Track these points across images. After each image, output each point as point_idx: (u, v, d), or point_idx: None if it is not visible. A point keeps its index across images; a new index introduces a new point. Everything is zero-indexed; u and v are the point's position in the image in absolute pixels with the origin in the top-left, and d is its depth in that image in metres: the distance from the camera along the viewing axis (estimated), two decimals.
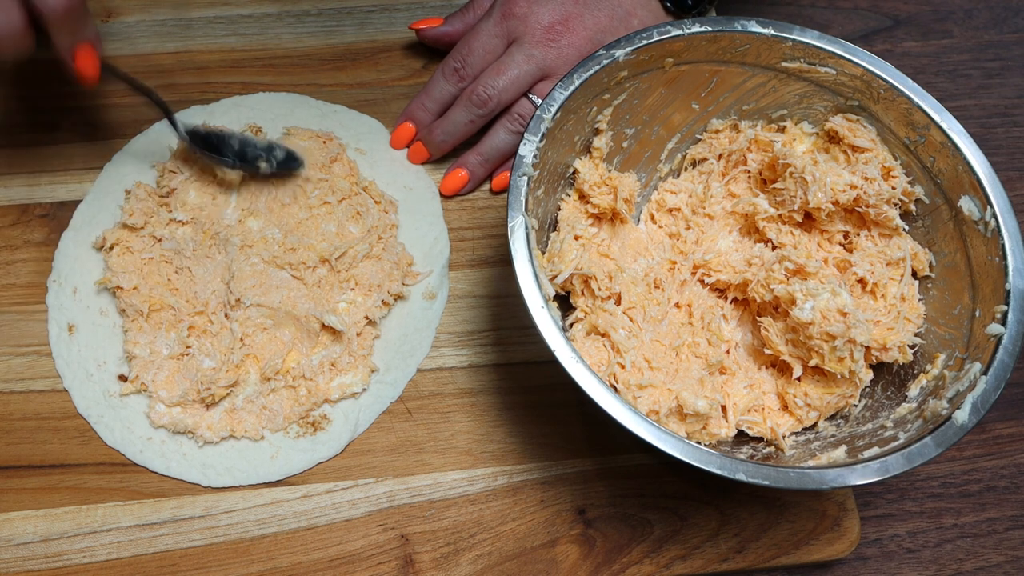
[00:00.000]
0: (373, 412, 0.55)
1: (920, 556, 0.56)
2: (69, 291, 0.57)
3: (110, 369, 0.55)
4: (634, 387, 0.48)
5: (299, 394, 0.54)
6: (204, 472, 0.53)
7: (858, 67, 0.52)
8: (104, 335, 0.56)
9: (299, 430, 0.54)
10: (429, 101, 0.61)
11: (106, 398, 0.55)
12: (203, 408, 0.54)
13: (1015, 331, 0.46)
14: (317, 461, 0.54)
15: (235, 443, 0.54)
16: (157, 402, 0.54)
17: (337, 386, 0.55)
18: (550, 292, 0.49)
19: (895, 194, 0.52)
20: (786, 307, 0.50)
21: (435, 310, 0.59)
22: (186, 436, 0.54)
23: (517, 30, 0.59)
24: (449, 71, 0.60)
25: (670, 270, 0.56)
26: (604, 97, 0.53)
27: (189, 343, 0.55)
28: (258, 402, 0.54)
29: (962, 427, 0.43)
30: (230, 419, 0.54)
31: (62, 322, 0.57)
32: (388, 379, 0.56)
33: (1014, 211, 0.49)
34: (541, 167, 0.49)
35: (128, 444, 0.54)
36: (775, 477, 0.42)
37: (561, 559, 0.53)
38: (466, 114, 0.59)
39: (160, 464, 0.53)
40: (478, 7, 0.64)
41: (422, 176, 0.63)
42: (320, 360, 0.55)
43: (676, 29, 0.52)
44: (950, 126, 0.51)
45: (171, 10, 0.68)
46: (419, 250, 0.60)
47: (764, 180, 0.57)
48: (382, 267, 0.58)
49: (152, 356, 0.55)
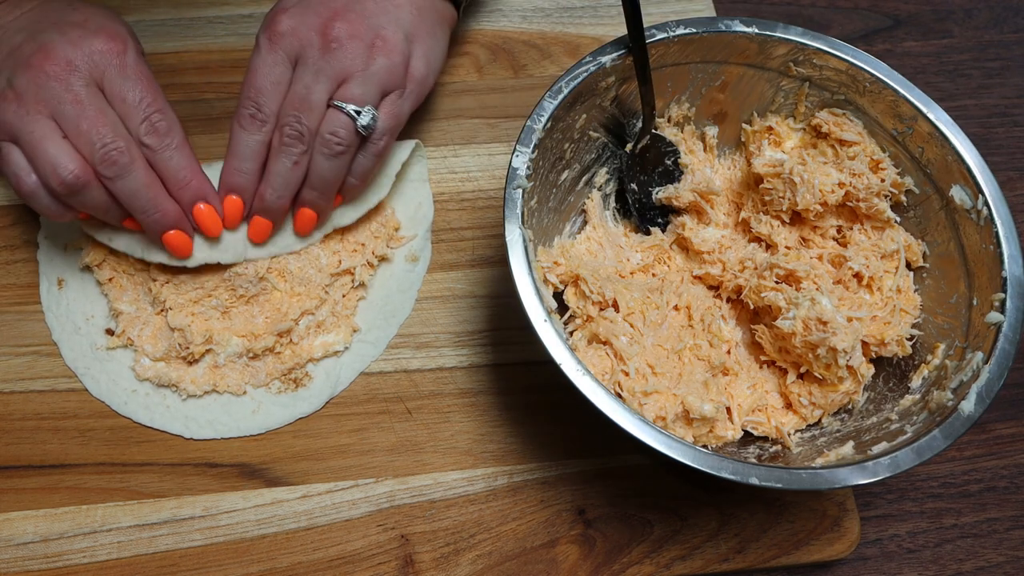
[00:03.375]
0: (354, 370, 0.57)
1: (920, 556, 0.56)
2: (59, 247, 0.59)
3: (98, 323, 0.57)
4: (639, 394, 0.48)
5: (283, 354, 0.56)
6: (186, 424, 0.54)
7: (843, 62, 0.53)
8: (93, 290, 0.58)
9: (281, 386, 0.56)
10: (241, 162, 0.52)
11: (93, 351, 0.56)
12: (186, 364, 0.55)
13: (1015, 318, 0.46)
14: (297, 416, 0.55)
15: (218, 397, 0.55)
16: (142, 356, 0.55)
17: (320, 345, 0.57)
18: (552, 304, 0.49)
19: (884, 186, 0.52)
20: (776, 314, 0.50)
21: (418, 272, 0.60)
22: (170, 389, 0.55)
23: (294, 48, 0.52)
24: (247, 121, 0.52)
25: (659, 259, 0.57)
26: (593, 103, 0.53)
27: (164, 302, 0.56)
28: (241, 360, 0.56)
29: (969, 417, 0.43)
30: (213, 374, 0.55)
31: (52, 276, 0.58)
32: (370, 338, 0.58)
33: (1011, 209, 0.49)
34: (534, 178, 0.50)
35: (113, 396, 0.55)
36: (788, 479, 0.42)
37: (561, 559, 0.53)
38: (287, 161, 0.52)
39: (144, 416, 0.55)
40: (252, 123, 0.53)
41: (408, 143, 0.63)
42: (306, 325, 0.57)
43: (661, 32, 0.52)
44: (937, 116, 0.51)
45: (171, 10, 0.69)
46: (404, 215, 0.62)
47: (754, 179, 0.57)
48: (369, 227, 0.60)
49: (138, 312, 0.56)
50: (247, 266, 0.55)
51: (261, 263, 0.56)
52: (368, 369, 0.57)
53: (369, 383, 0.57)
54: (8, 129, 0.48)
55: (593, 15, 0.72)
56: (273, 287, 0.56)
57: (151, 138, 0.50)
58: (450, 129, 0.66)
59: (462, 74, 0.68)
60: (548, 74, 0.69)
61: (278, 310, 0.56)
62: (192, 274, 0.56)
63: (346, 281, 0.58)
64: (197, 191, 0.52)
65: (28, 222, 0.60)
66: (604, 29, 0.71)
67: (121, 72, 0.50)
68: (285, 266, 0.57)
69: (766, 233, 0.55)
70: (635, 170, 0.58)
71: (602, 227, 0.58)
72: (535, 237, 0.51)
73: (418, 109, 0.66)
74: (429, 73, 0.56)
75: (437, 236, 0.62)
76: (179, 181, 0.51)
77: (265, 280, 0.56)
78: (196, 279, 0.56)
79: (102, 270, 0.57)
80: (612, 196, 0.60)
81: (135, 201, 0.50)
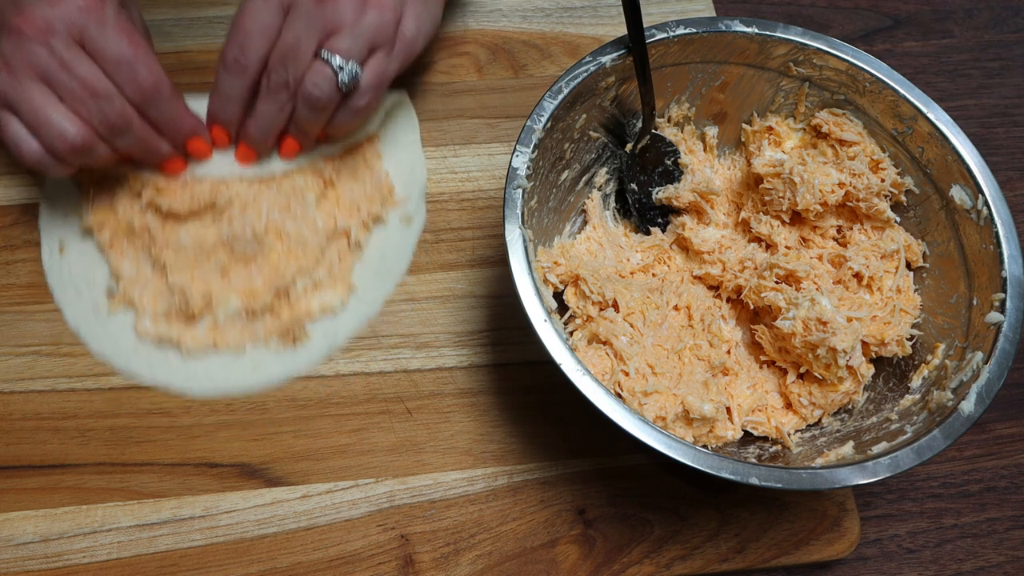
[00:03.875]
0: (350, 328, 0.58)
1: (920, 556, 0.56)
2: (60, 213, 0.59)
3: (99, 286, 0.58)
4: (639, 394, 0.48)
5: (281, 312, 0.57)
6: (188, 381, 0.56)
7: (843, 62, 0.53)
8: (94, 254, 0.59)
9: (280, 344, 0.57)
10: (224, 102, 0.55)
11: (95, 313, 0.57)
12: (187, 323, 0.56)
13: (1015, 318, 0.46)
14: (296, 373, 0.57)
15: (218, 355, 0.56)
16: (143, 316, 0.56)
17: (317, 304, 0.58)
18: (552, 304, 0.49)
19: (884, 186, 0.52)
20: (776, 315, 0.50)
21: (412, 233, 0.61)
22: (171, 348, 0.56)
23: None
24: (231, 64, 0.53)
25: (659, 259, 0.57)
26: (593, 103, 0.53)
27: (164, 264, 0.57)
28: (240, 318, 0.57)
29: (969, 418, 0.43)
30: (213, 333, 0.56)
31: (53, 241, 0.59)
32: (366, 297, 0.59)
33: (1011, 209, 0.49)
34: (534, 178, 0.50)
35: (116, 355, 0.56)
36: (788, 479, 0.42)
37: (561, 559, 0.53)
38: (273, 105, 0.54)
39: (146, 373, 0.56)
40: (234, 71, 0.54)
41: (402, 108, 0.65)
42: (304, 284, 0.58)
43: (661, 32, 0.52)
44: (937, 116, 0.51)
45: (171, 10, 0.68)
46: (398, 178, 0.63)
47: (754, 179, 0.57)
48: (365, 190, 0.61)
49: (139, 274, 0.57)
50: (245, 227, 0.57)
51: (258, 223, 0.57)
52: (368, 369, 0.57)
53: (369, 383, 0.57)
54: (2, 98, 0.49)
55: (593, 15, 0.72)
56: (271, 248, 0.58)
57: (140, 94, 0.51)
58: (450, 129, 0.66)
59: (462, 74, 0.68)
60: (548, 74, 0.69)
61: (276, 270, 0.57)
62: (191, 236, 0.57)
63: (342, 242, 0.60)
64: (190, 131, 0.55)
65: (28, 222, 0.60)
66: (604, 29, 0.71)
67: (101, 29, 0.50)
68: (282, 227, 0.58)
69: (766, 233, 0.55)
70: (635, 170, 0.58)
71: (602, 227, 0.58)
72: (535, 237, 0.51)
73: (418, 109, 0.66)
74: (418, 36, 0.56)
75: (437, 236, 0.62)
76: (172, 127, 0.54)
77: (263, 241, 0.57)
78: (196, 241, 0.57)
79: (102, 233, 0.58)
80: (612, 196, 0.60)
81: (135, 151, 0.53)
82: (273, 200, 0.58)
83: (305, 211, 0.59)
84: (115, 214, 0.58)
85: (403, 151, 0.64)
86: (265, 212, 0.57)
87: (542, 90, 0.52)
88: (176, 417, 0.55)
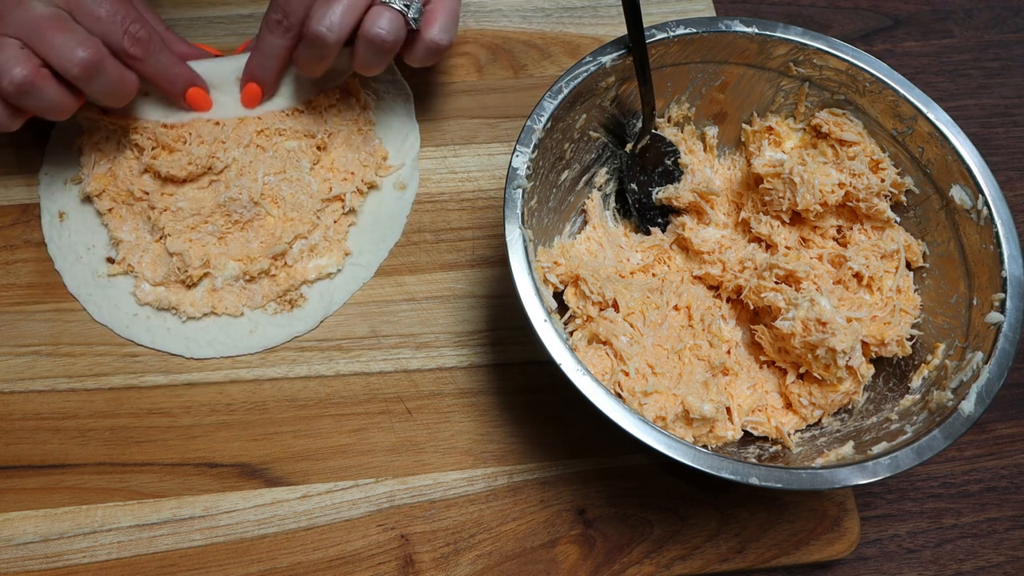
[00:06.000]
0: (347, 291, 0.60)
1: (920, 556, 0.56)
2: (60, 182, 0.61)
3: (99, 252, 0.59)
4: (639, 394, 0.48)
5: (277, 276, 0.59)
6: (187, 345, 0.57)
7: (843, 62, 0.53)
8: (93, 221, 0.60)
9: (277, 307, 0.58)
10: (265, 59, 0.58)
11: (95, 278, 0.58)
12: (185, 288, 0.58)
13: (1015, 318, 0.46)
14: (293, 335, 0.58)
15: (216, 319, 0.58)
16: (142, 281, 0.58)
17: (314, 267, 0.59)
18: (552, 304, 0.49)
19: (884, 186, 0.52)
20: (776, 315, 0.50)
21: (406, 199, 0.63)
22: (170, 313, 0.58)
23: None
24: (273, 25, 0.56)
25: (659, 259, 0.57)
26: (593, 103, 0.53)
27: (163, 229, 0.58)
28: (238, 283, 0.58)
29: (969, 418, 0.43)
30: (211, 297, 0.58)
31: (53, 209, 0.60)
32: (362, 261, 0.60)
33: (1011, 209, 0.49)
34: (534, 178, 0.50)
35: (115, 320, 0.57)
36: (788, 479, 0.42)
37: (561, 559, 0.53)
38: (312, 54, 0.55)
39: (146, 338, 0.57)
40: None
41: (396, 79, 0.66)
42: (300, 248, 0.59)
43: (661, 32, 0.53)
44: (937, 116, 0.51)
45: (171, 10, 0.69)
46: (392, 145, 0.64)
47: (754, 179, 0.57)
48: (359, 157, 0.62)
49: (138, 240, 0.58)
50: (242, 191, 0.58)
51: (255, 188, 0.58)
52: (368, 369, 0.57)
53: (369, 383, 0.57)
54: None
55: (593, 15, 0.72)
56: (267, 212, 0.59)
57: (136, 49, 0.53)
58: (450, 129, 0.66)
59: (462, 74, 0.68)
60: (548, 74, 0.69)
61: (272, 235, 0.58)
62: (189, 200, 0.58)
63: (337, 207, 0.61)
64: (186, 82, 0.58)
65: (28, 222, 0.60)
66: (604, 29, 0.71)
67: None
68: (278, 192, 0.59)
69: (766, 233, 0.55)
70: (635, 170, 0.58)
71: (602, 227, 0.58)
72: (535, 237, 0.51)
73: (418, 109, 0.66)
74: None
75: (437, 236, 0.62)
76: (169, 78, 0.56)
77: (259, 205, 0.58)
78: (193, 206, 0.58)
79: (102, 200, 0.59)
80: (612, 196, 0.60)
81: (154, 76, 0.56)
82: (269, 164, 0.59)
83: (301, 176, 0.60)
84: (115, 179, 0.59)
85: (396, 119, 0.65)
86: (261, 177, 0.59)
87: (542, 90, 0.52)
88: (176, 417, 0.55)
